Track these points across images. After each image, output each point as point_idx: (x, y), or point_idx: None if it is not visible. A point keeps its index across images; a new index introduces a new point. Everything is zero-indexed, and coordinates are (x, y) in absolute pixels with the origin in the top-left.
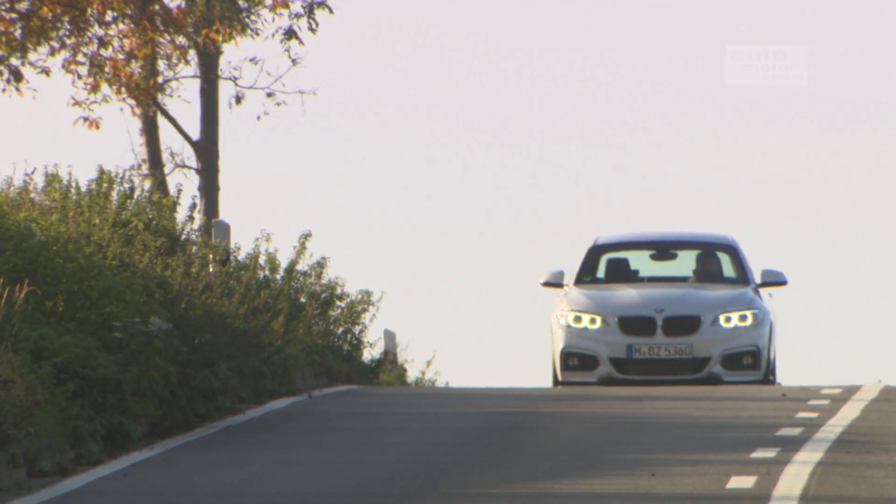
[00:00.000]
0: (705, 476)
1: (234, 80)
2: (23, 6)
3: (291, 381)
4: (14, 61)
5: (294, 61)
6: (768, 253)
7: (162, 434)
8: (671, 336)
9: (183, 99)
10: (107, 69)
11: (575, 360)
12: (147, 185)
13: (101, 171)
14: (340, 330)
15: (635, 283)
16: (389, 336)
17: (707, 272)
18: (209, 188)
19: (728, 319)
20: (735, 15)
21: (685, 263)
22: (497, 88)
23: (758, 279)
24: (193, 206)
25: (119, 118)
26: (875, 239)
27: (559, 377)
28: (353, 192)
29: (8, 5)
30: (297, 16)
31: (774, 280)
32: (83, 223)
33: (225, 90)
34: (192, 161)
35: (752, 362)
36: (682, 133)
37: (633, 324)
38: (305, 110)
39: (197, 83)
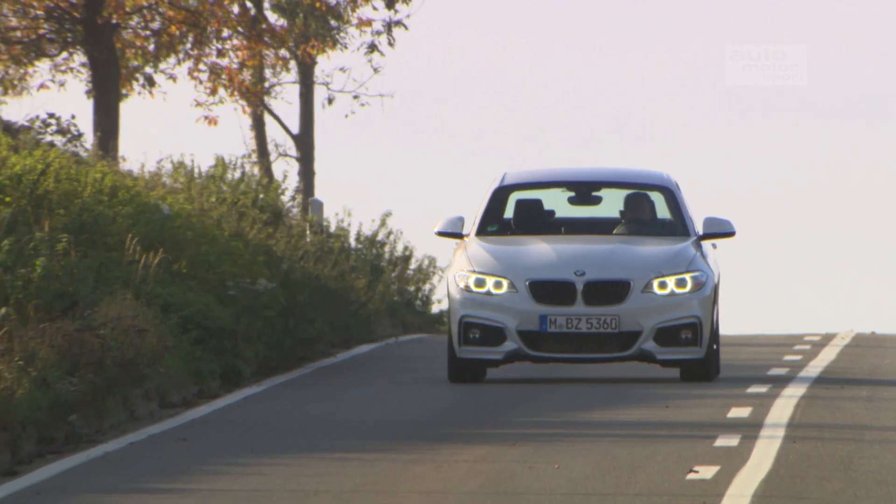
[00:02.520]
0: (709, 407)
1: (326, 85)
2: (155, 25)
3: (373, 330)
4: (148, 70)
5: (375, 70)
6: (769, 254)
7: (268, 373)
8: (594, 305)
9: (285, 100)
10: (223, 76)
11: (476, 332)
12: (256, 170)
13: (219, 159)
14: (412, 288)
15: (551, 233)
16: None
17: (638, 220)
18: (306, 173)
19: (663, 285)
20: (735, 15)
21: (611, 208)
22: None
23: (700, 228)
24: (294, 188)
25: (233, 116)
26: (874, 236)
27: (457, 352)
28: (424, 176)
29: (143, 24)
30: (378, 32)
31: (719, 231)
32: (203, 201)
33: (319, 93)
34: (292, 151)
35: (692, 337)
36: (683, 133)
37: (548, 289)
38: (384, 109)
39: (296, 88)
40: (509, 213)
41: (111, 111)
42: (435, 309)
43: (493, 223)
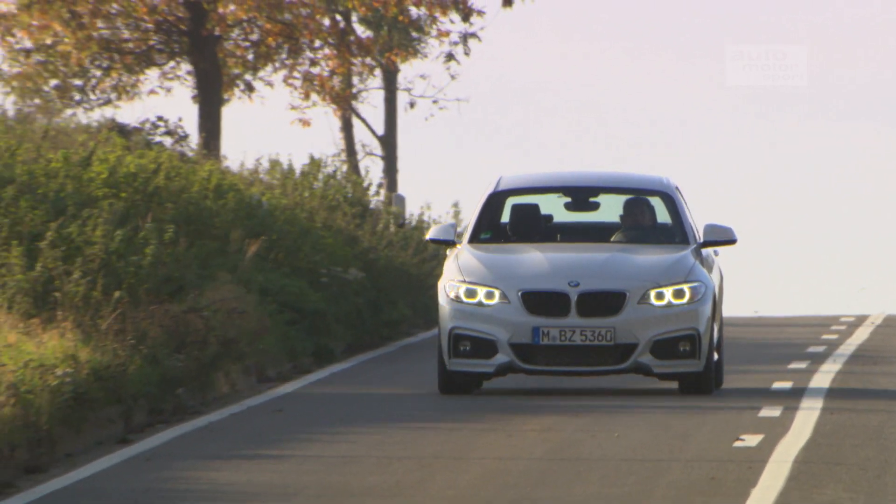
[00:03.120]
0: (754, 381)
1: (408, 90)
2: (254, 37)
3: None
4: (247, 77)
5: (452, 77)
6: (771, 254)
7: (355, 351)
8: (589, 317)
9: (371, 104)
10: (315, 83)
11: (467, 344)
12: (344, 168)
13: (311, 158)
14: None
15: (547, 241)
16: None
17: (636, 227)
18: (390, 170)
19: (660, 296)
20: (735, 15)
21: (609, 214)
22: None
23: (700, 235)
24: (379, 184)
25: (323, 119)
26: (874, 235)
27: (447, 364)
28: (496, 172)
29: (243, 36)
30: (454, 43)
31: (720, 238)
32: (297, 196)
33: (402, 98)
34: (377, 150)
35: (690, 349)
36: (683, 132)
37: (541, 300)
38: (461, 112)
39: (381, 93)
40: (506, 218)
41: (214, 114)
42: None
43: (486, 230)
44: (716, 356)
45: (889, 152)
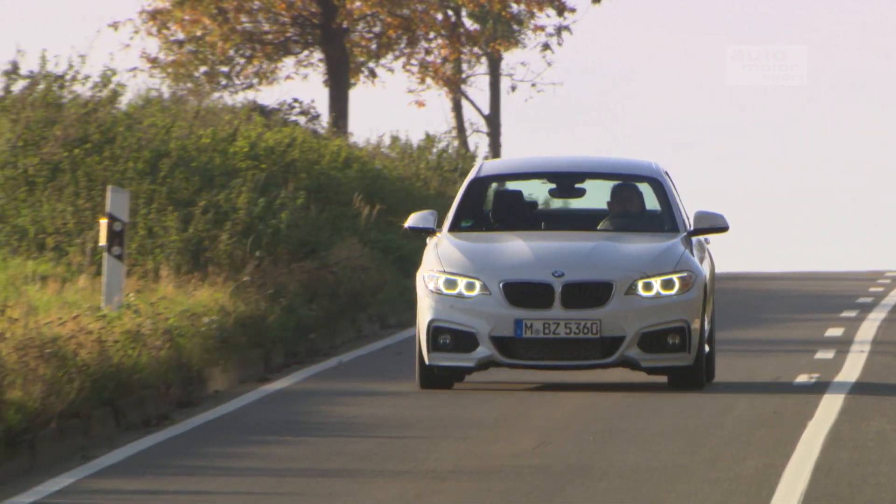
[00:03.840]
0: (809, 328)
1: (510, 75)
2: (377, 29)
3: None
4: (371, 64)
5: (548, 64)
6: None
7: None
8: (573, 308)
9: (478, 88)
10: (429, 69)
11: (447, 337)
12: (455, 143)
13: (426, 134)
14: None
15: (530, 229)
16: None
17: (624, 214)
18: (494, 145)
19: (648, 286)
20: (735, 15)
21: (596, 201)
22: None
23: (690, 223)
24: (485, 157)
25: (437, 100)
26: (874, 230)
27: (426, 359)
28: (587, 146)
29: (367, 29)
30: (550, 35)
31: (712, 225)
32: (414, 167)
33: (504, 82)
34: (483, 128)
35: (680, 342)
36: (683, 132)
37: (523, 292)
38: (556, 94)
39: (487, 78)
40: (489, 206)
41: (342, 97)
42: None
43: (467, 217)
44: (707, 348)
45: (889, 151)
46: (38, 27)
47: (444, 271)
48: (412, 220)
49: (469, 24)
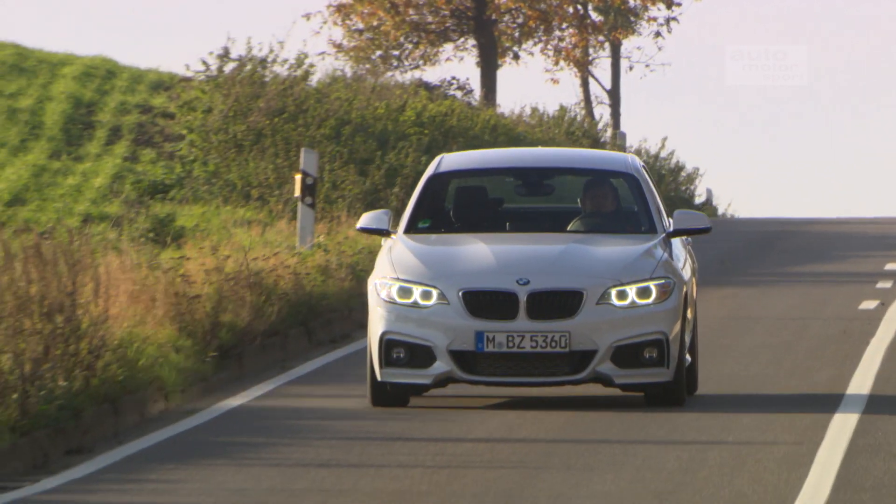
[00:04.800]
0: (873, 262)
1: (628, 58)
2: (519, 20)
3: None
4: (515, 49)
5: (659, 48)
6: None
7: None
8: (540, 319)
9: (601, 68)
10: (562, 53)
11: (400, 351)
12: (583, 113)
13: (560, 106)
14: (683, 188)
15: (494, 230)
16: (710, 192)
17: (597, 213)
18: (615, 114)
19: (623, 294)
20: (735, 15)
21: (568, 199)
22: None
23: (670, 223)
24: (606, 124)
25: (568, 78)
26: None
27: (378, 375)
28: (692, 120)
29: (512, 20)
30: (660, 24)
31: (692, 226)
32: (550, 132)
33: (623, 63)
34: (606, 100)
35: (657, 356)
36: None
37: (485, 301)
38: (665, 73)
39: (608, 60)
40: (450, 204)
41: (491, 75)
42: (696, 201)
43: (425, 217)
44: (689, 359)
45: (889, 151)
46: (244, 18)
47: (397, 278)
48: (364, 221)
49: (595, 16)
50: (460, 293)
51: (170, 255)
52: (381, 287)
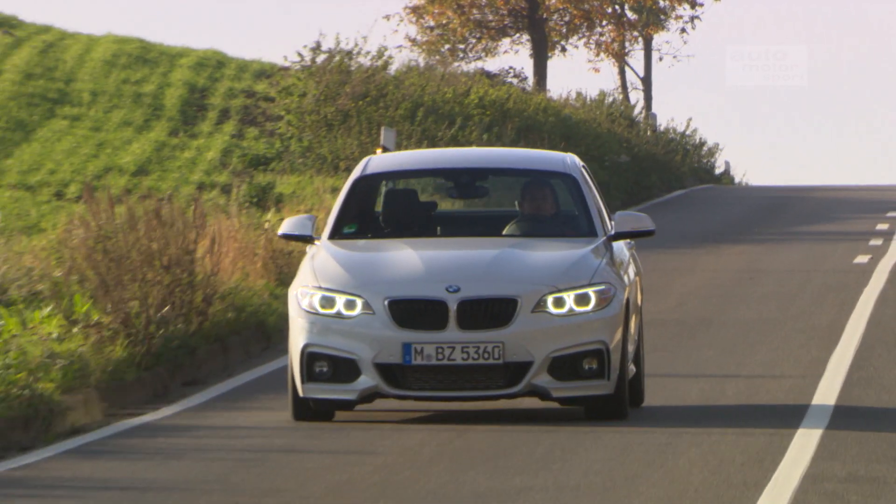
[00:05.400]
0: (864, 223)
1: (658, 50)
2: (566, 19)
3: (684, 183)
4: (562, 43)
5: (685, 42)
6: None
7: (628, 205)
8: (471, 329)
9: (635, 58)
10: (602, 46)
11: (323, 365)
12: (619, 96)
13: (600, 91)
14: (705, 160)
15: (425, 235)
16: (728, 164)
17: (534, 217)
18: (647, 98)
19: (560, 302)
20: (735, 15)
21: (508, 205)
22: None
23: (611, 226)
24: (640, 106)
25: (607, 68)
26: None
27: (300, 390)
28: (715, 106)
29: (559, 19)
30: (685, 22)
31: (635, 228)
32: (591, 113)
33: (654, 55)
34: (639, 86)
35: (597, 367)
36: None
37: (413, 310)
38: (689, 63)
39: (642, 52)
40: (379, 208)
41: (542, 65)
42: (717, 172)
43: (350, 222)
44: (633, 369)
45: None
46: (334, 17)
47: (319, 287)
48: (285, 227)
49: (630, 14)
50: (386, 302)
51: (270, 217)
52: (303, 296)
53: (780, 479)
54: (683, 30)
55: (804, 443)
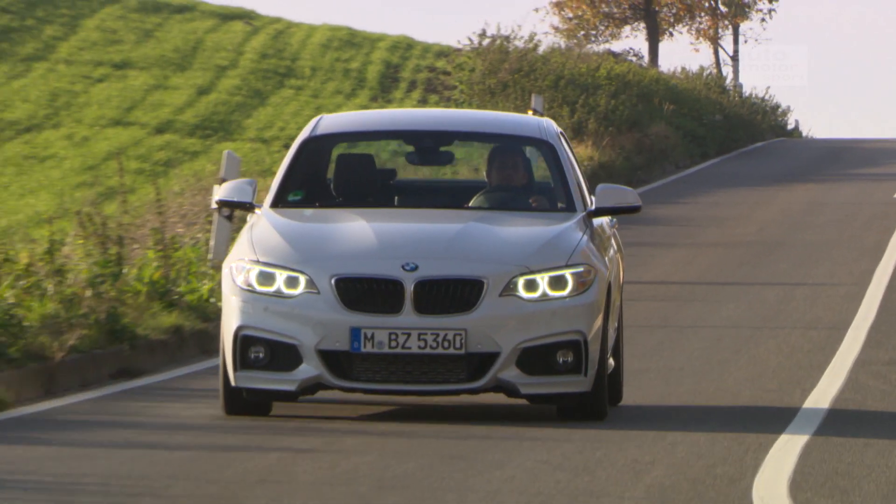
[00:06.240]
0: (881, 188)
1: (743, 34)
2: (673, 11)
3: (764, 136)
4: (671, 30)
5: (764, 28)
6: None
7: (722, 152)
8: (430, 314)
9: (728, 42)
10: (701, 32)
11: (259, 350)
12: (714, 70)
13: (700, 67)
14: (780, 119)
15: (381, 206)
16: (797, 121)
17: (504, 188)
18: (736, 71)
19: (532, 285)
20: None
21: (470, 171)
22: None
23: (592, 201)
24: (730, 79)
25: (705, 49)
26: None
27: (231, 379)
28: (787, 80)
29: (668, 10)
30: (764, 13)
31: (618, 204)
32: (693, 83)
33: (741, 39)
34: (729, 63)
35: (573, 361)
36: None
37: (363, 290)
38: (769, 46)
39: (731, 36)
40: (325, 176)
41: (655, 48)
42: (788, 128)
43: (296, 189)
44: (612, 363)
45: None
46: (496, 9)
47: (257, 261)
48: (222, 192)
49: (722, 7)
50: (333, 280)
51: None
52: (238, 271)
53: (838, 363)
54: (763, 19)
55: (855, 335)
